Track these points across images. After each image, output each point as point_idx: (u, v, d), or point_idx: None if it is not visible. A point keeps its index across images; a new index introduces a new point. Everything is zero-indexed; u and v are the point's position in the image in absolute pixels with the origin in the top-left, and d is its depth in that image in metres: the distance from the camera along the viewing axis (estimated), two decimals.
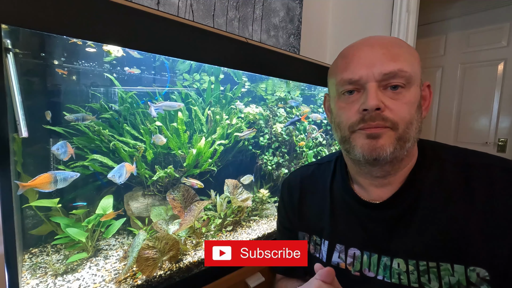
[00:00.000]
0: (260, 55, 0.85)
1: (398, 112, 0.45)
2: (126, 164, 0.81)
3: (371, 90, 0.45)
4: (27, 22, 0.46)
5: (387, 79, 0.45)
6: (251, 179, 1.18)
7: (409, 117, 0.45)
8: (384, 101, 0.45)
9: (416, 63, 0.48)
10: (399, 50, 0.47)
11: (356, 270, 0.53)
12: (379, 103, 0.45)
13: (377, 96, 0.45)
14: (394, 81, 0.45)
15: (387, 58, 0.45)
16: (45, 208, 0.76)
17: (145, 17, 0.59)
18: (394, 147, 0.45)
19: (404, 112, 0.45)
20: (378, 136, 0.46)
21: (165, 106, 0.97)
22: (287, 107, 1.42)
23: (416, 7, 1.45)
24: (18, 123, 0.56)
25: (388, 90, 0.46)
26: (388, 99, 0.46)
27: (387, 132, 0.45)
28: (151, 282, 0.71)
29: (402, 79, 0.45)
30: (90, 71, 0.88)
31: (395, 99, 0.45)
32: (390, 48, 0.46)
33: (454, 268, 0.44)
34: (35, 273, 0.69)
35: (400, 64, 0.45)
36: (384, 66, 0.45)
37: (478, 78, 2.42)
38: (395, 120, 0.45)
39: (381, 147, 0.45)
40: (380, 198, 0.52)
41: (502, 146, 2.34)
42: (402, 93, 0.45)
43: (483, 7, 2.37)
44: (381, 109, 0.45)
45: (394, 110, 0.45)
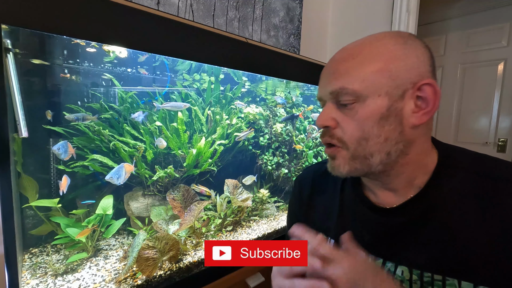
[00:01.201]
0: (260, 55, 0.85)
1: (347, 130, 0.45)
2: (125, 165, 0.81)
3: (324, 108, 0.47)
4: (27, 22, 0.46)
5: (334, 97, 0.45)
6: (253, 179, 1.17)
7: (359, 134, 0.44)
8: (338, 119, 0.46)
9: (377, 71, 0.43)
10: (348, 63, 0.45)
11: None
12: (325, 121, 0.46)
13: (325, 115, 0.46)
14: (341, 99, 0.45)
15: (332, 77, 0.46)
16: (45, 208, 0.76)
17: (145, 17, 0.59)
18: (350, 167, 0.46)
19: (353, 130, 0.44)
20: (333, 157, 0.48)
21: (171, 106, 0.98)
22: (286, 107, 1.42)
23: (416, 7, 1.45)
24: (18, 123, 0.57)
25: (343, 107, 0.45)
26: (342, 117, 0.46)
27: (340, 153, 0.47)
28: (151, 282, 0.71)
29: (348, 96, 0.44)
30: (90, 71, 0.88)
31: (346, 116, 0.45)
32: (339, 64, 0.46)
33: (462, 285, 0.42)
34: (35, 273, 0.69)
35: (342, 81, 0.44)
36: (329, 85, 0.46)
37: (478, 78, 2.42)
38: (344, 138, 0.45)
39: (337, 167, 0.47)
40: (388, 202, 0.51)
41: (502, 146, 2.34)
42: (355, 109, 0.44)
43: (483, 7, 2.37)
44: (331, 126, 0.46)
45: (343, 128, 0.45)
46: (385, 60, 0.43)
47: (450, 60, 2.58)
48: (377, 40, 0.46)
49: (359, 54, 0.45)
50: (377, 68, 0.43)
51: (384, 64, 0.43)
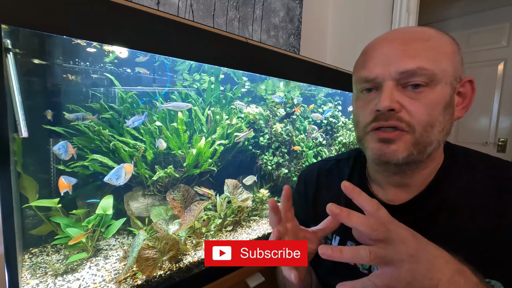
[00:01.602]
0: (260, 55, 0.85)
1: (416, 114, 0.42)
2: (125, 165, 0.81)
3: (385, 90, 0.43)
4: (27, 22, 0.46)
5: (405, 77, 0.42)
6: (253, 179, 1.17)
7: (428, 119, 0.42)
8: (402, 102, 0.42)
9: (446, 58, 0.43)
10: (422, 44, 0.42)
11: (364, 268, 0.53)
12: (392, 103, 0.42)
13: (391, 97, 0.42)
14: (414, 80, 0.42)
15: (405, 55, 0.42)
16: (45, 208, 0.76)
17: (145, 17, 0.59)
18: (408, 153, 0.43)
19: (422, 114, 0.42)
20: (390, 141, 0.43)
21: (173, 106, 0.98)
22: (286, 107, 1.42)
23: (416, 7, 1.45)
24: (18, 123, 0.56)
25: (408, 89, 0.42)
26: (407, 99, 0.42)
27: (403, 137, 0.43)
28: (151, 282, 0.71)
29: (423, 77, 0.41)
30: (90, 71, 0.88)
31: (414, 99, 0.42)
32: (411, 43, 0.43)
33: None
34: (35, 273, 0.69)
35: (420, 61, 0.41)
36: (401, 64, 0.42)
37: (478, 78, 2.42)
38: (412, 122, 0.42)
39: (392, 152, 0.43)
40: (398, 199, 0.50)
41: (502, 146, 2.34)
42: (424, 92, 0.42)
43: (483, 7, 2.37)
44: (396, 110, 0.42)
45: (411, 111, 0.42)
46: (450, 51, 0.44)
47: None
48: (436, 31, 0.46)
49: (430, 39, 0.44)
50: (448, 55, 0.44)
51: (450, 54, 0.44)
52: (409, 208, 0.49)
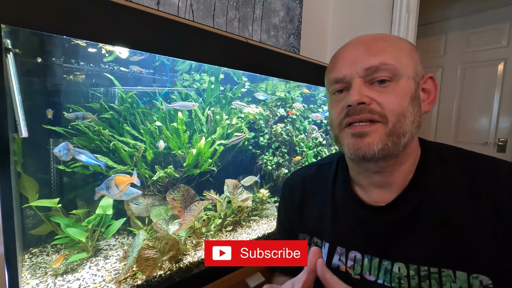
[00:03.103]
0: (260, 55, 0.85)
1: (387, 104, 0.44)
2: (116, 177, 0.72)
3: (354, 86, 0.45)
4: (27, 22, 0.46)
5: (370, 74, 0.45)
6: (254, 180, 1.15)
7: (399, 108, 0.44)
8: (371, 95, 0.44)
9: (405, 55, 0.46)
10: (383, 44, 0.46)
11: (356, 273, 0.52)
12: (361, 97, 0.44)
13: (360, 91, 0.44)
14: (378, 75, 0.44)
15: (368, 53, 0.45)
16: (45, 208, 0.76)
17: (145, 17, 0.59)
18: (383, 144, 0.44)
19: (393, 104, 0.44)
20: (363, 135, 0.45)
21: (180, 106, 0.98)
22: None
23: (416, 7, 1.45)
24: (18, 123, 0.56)
25: (375, 85, 0.45)
26: (376, 93, 0.45)
27: (377, 129, 0.44)
28: (151, 282, 0.71)
29: (386, 72, 0.44)
30: (90, 71, 0.88)
31: (382, 93, 0.45)
32: (372, 43, 0.47)
33: (456, 275, 0.43)
34: (35, 273, 0.69)
35: (382, 57, 0.44)
36: (365, 61, 0.45)
37: (478, 78, 2.42)
38: (383, 112, 0.44)
39: (367, 145, 0.44)
40: (381, 200, 0.51)
41: (502, 146, 2.34)
42: (390, 86, 0.45)
43: (483, 7, 2.37)
44: (366, 103, 0.44)
45: (382, 102, 0.44)
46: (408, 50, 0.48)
47: (450, 60, 2.58)
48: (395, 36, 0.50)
49: (390, 39, 0.48)
50: (407, 53, 0.47)
51: (409, 51, 0.47)
52: (393, 208, 0.49)
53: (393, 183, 0.50)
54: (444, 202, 0.47)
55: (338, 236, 0.56)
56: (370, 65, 0.45)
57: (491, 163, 0.47)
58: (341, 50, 0.51)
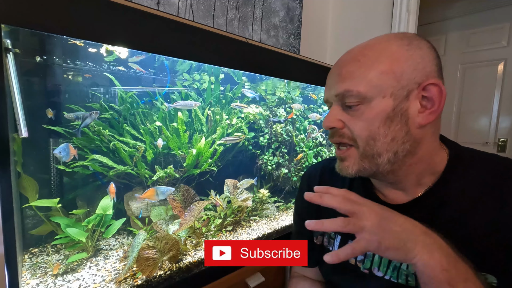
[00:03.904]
0: (260, 55, 0.85)
1: (355, 130, 0.46)
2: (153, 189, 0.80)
3: (330, 111, 0.49)
4: (27, 22, 0.46)
5: (341, 99, 0.47)
6: (250, 183, 1.11)
7: (367, 133, 0.45)
8: (344, 120, 0.47)
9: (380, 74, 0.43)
10: (352, 67, 0.46)
11: (365, 267, 0.53)
12: (331, 123, 0.48)
13: (331, 117, 0.48)
14: (347, 101, 0.46)
15: (337, 80, 0.47)
16: (45, 208, 0.76)
17: (145, 17, 0.59)
18: (358, 167, 0.47)
19: (361, 129, 0.45)
20: (342, 159, 0.49)
21: (182, 105, 0.98)
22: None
23: (416, 7, 1.45)
24: (18, 123, 0.56)
25: (349, 108, 0.47)
26: (348, 117, 0.47)
27: (351, 153, 0.48)
28: (151, 282, 0.71)
29: (352, 98, 0.45)
30: (90, 71, 0.88)
31: (353, 117, 0.46)
32: (343, 67, 0.47)
33: None
34: (35, 273, 0.69)
35: (347, 84, 0.45)
36: (335, 88, 0.47)
37: (478, 78, 2.42)
38: (353, 137, 0.47)
39: (346, 168, 0.49)
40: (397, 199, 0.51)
41: (502, 146, 2.34)
42: (361, 109, 0.45)
43: (483, 7, 2.37)
44: (338, 127, 0.48)
45: (351, 128, 0.47)
46: (389, 62, 0.44)
47: (450, 60, 2.58)
48: (381, 42, 0.47)
49: (364, 57, 0.46)
50: (381, 70, 0.44)
51: (388, 66, 0.44)
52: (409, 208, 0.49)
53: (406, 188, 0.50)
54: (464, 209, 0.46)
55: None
56: (337, 92, 0.47)
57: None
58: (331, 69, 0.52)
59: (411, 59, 0.44)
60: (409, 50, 0.44)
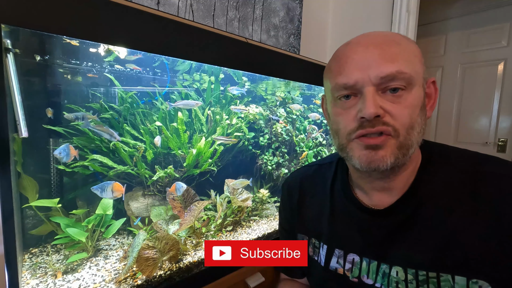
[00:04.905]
0: (260, 55, 0.85)
1: (399, 118, 0.42)
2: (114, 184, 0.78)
3: (368, 96, 0.42)
4: (27, 22, 0.46)
5: (385, 82, 0.41)
6: (245, 183, 1.07)
7: (410, 121, 0.42)
8: (384, 106, 0.42)
9: (417, 61, 0.43)
10: (397, 48, 0.42)
11: (354, 276, 0.52)
12: (378, 110, 0.41)
13: (375, 103, 0.41)
14: (394, 84, 0.41)
15: (383, 59, 0.41)
16: (45, 208, 0.76)
17: (145, 17, 0.59)
18: (395, 157, 0.42)
19: (405, 117, 0.42)
20: (378, 147, 0.43)
21: (183, 104, 0.98)
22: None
23: (416, 7, 1.45)
24: (18, 123, 0.56)
25: (387, 93, 0.42)
26: (388, 103, 0.42)
27: (388, 141, 0.42)
28: (151, 282, 0.71)
29: (402, 81, 0.41)
30: (90, 71, 0.88)
31: (395, 103, 0.42)
32: (386, 47, 0.42)
33: (455, 280, 0.42)
34: (35, 273, 0.69)
35: (399, 65, 0.41)
36: (380, 68, 0.41)
37: (478, 78, 2.42)
38: (396, 126, 0.42)
39: (381, 158, 0.43)
40: (382, 203, 0.50)
41: (502, 146, 2.34)
42: (403, 96, 0.42)
43: (483, 7, 2.37)
44: (380, 116, 0.42)
45: (395, 115, 0.42)
46: (418, 53, 0.45)
47: (450, 60, 2.58)
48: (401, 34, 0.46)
49: (402, 41, 0.44)
50: (419, 59, 0.44)
51: (419, 56, 0.44)
52: (392, 211, 0.49)
53: (394, 188, 0.49)
54: (443, 206, 0.45)
55: (336, 238, 0.55)
56: (386, 73, 0.41)
57: (495, 166, 0.46)
58: (349, 51, 0.46)
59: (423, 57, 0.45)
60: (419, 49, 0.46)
